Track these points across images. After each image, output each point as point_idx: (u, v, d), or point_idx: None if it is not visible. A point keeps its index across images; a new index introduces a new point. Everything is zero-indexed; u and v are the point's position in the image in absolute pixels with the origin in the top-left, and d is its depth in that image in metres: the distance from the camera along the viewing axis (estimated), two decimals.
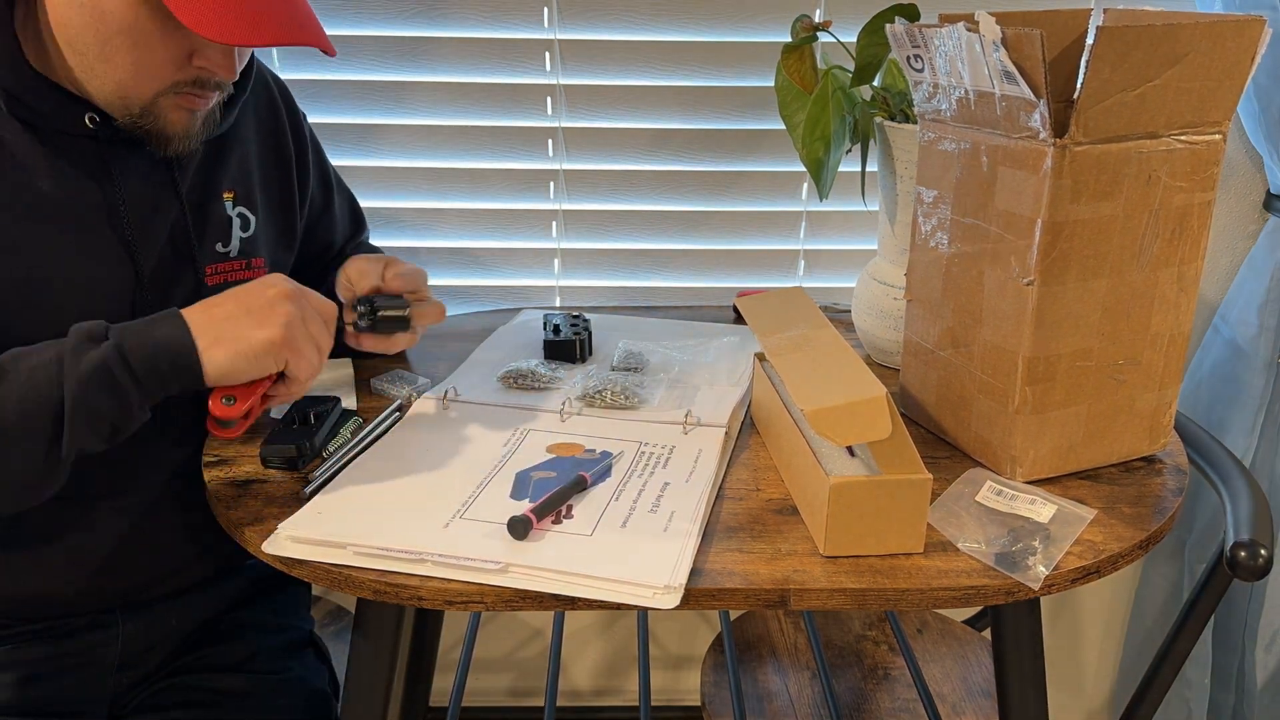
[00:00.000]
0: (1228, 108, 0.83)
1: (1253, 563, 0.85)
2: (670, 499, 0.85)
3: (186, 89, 0.86)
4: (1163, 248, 0.85)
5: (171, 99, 0.86)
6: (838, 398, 0.76)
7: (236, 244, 0.99)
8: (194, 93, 0.86)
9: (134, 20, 0.80)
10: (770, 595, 0.74)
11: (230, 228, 0.99)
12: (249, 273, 0.99)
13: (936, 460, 0.93)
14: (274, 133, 1.06)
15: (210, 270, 0.97)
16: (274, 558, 0.77)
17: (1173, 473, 0.92)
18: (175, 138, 0.88)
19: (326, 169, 1.17)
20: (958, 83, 0.86)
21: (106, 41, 0.80)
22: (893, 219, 1.10)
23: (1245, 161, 1.40)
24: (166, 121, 0.86)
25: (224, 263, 0.98)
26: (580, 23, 1.32)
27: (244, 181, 1.01)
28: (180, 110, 0.87)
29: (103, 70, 0.82)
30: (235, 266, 0.99)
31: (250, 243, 1.01)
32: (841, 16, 1.29)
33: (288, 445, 0.88)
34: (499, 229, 1.41)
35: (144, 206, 0.91)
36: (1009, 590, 0.75)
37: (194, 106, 0.88)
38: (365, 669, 0.87)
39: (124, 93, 0.83)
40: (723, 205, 1.41)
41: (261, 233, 1.02)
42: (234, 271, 0.98)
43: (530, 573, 0.75)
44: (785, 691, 1.24)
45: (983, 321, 0.89)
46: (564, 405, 1.01)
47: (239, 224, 0.99)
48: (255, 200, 1.02)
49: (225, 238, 0.98)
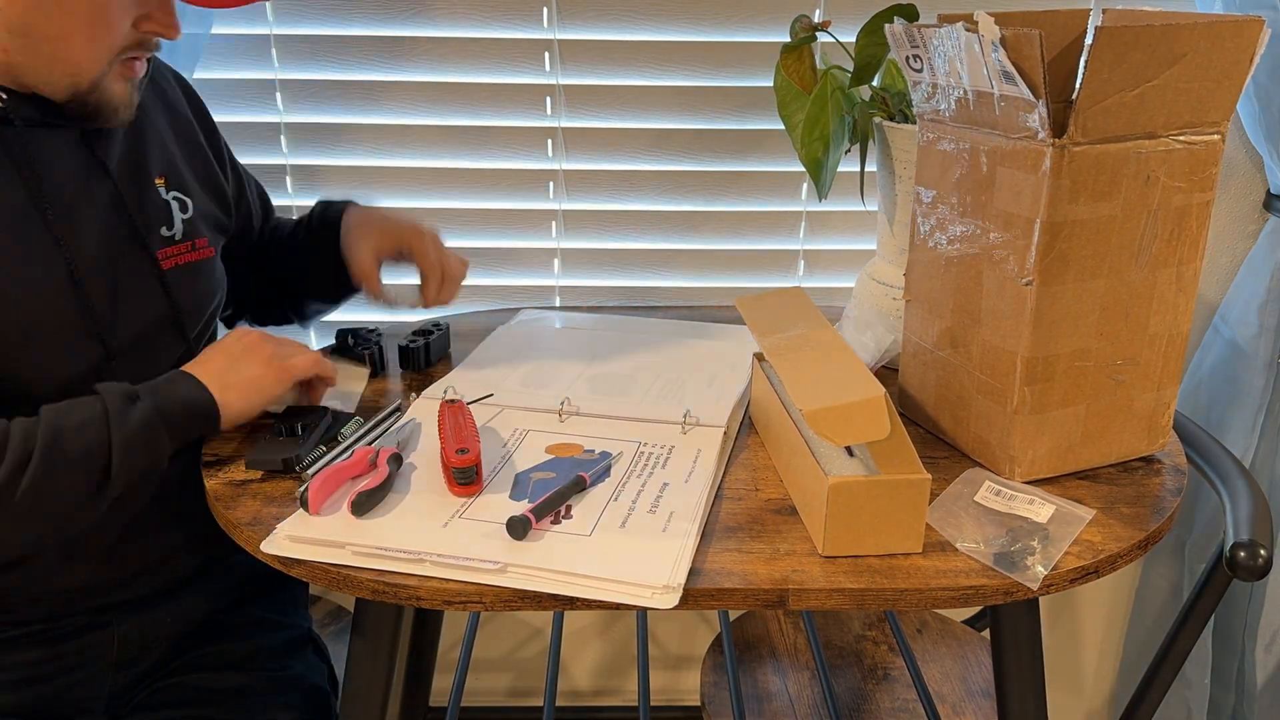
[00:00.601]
0: (1226, 108, 0.83)
1: (1252, 563, 0.85)
2: (669, 499, 0.85)
3: (130, 53, 0.86)
4: (1161, 248, 0.85)
5: (117, 67, 0.86)
6: (836, 398, 0.76)
7: (180, 227, 0.98)
8: (135, 56, 0.87)
9: None
10: (769, 595, 0.74)
11: (170, 211, 0.98)
12: (195, 254, 0.99)
13: (935, 460, 0.93)
14: (182, 118, 1.05)
15: (161, 255, 0.95)
16: (273, 557, 0.77)
17: (1171, 473, 0.92)
18: (121, 107, 0.88)
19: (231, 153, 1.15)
20: (956, 83, 0.86)
21: (63, 18, 0.80)
22: (891, 219, 1.10)
23: (1245, 161, 1.40)
24: (112, 92, 0.86)
25: (171, 246, 0.97)
26: (580, 23, 1.32)
27: (170, 166, 1.00)
28: (121, 80, 0.87)
29: (55, 49, 0.81)
30: (182, 249, 0.98)
31: (191, 224, 1.00)
32: (840, 16, 1.29)
33: (273, 458, 0.89)
34: (499, 229, 1.41)
35: (70, 194, 0.90)
36: (1008, 590, 0.75)
37: (133, 74, 0.88)
38: (364, 669, 0.87)
39: (78, 69, 0.83)
40: (722, 205, 1.41)
41: (198, 215, 1.01)
42: (182, 254, 0.98)
43: (529, 573, 0.75)
44: (785, 692, 1.24)
45: (981, 321, 0.89)
46: (563, 405, 1.01)
47: (177, 207, 0.99)
48: (186, 183, 1.01)
49: (168, 221, 0.97)
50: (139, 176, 0.96)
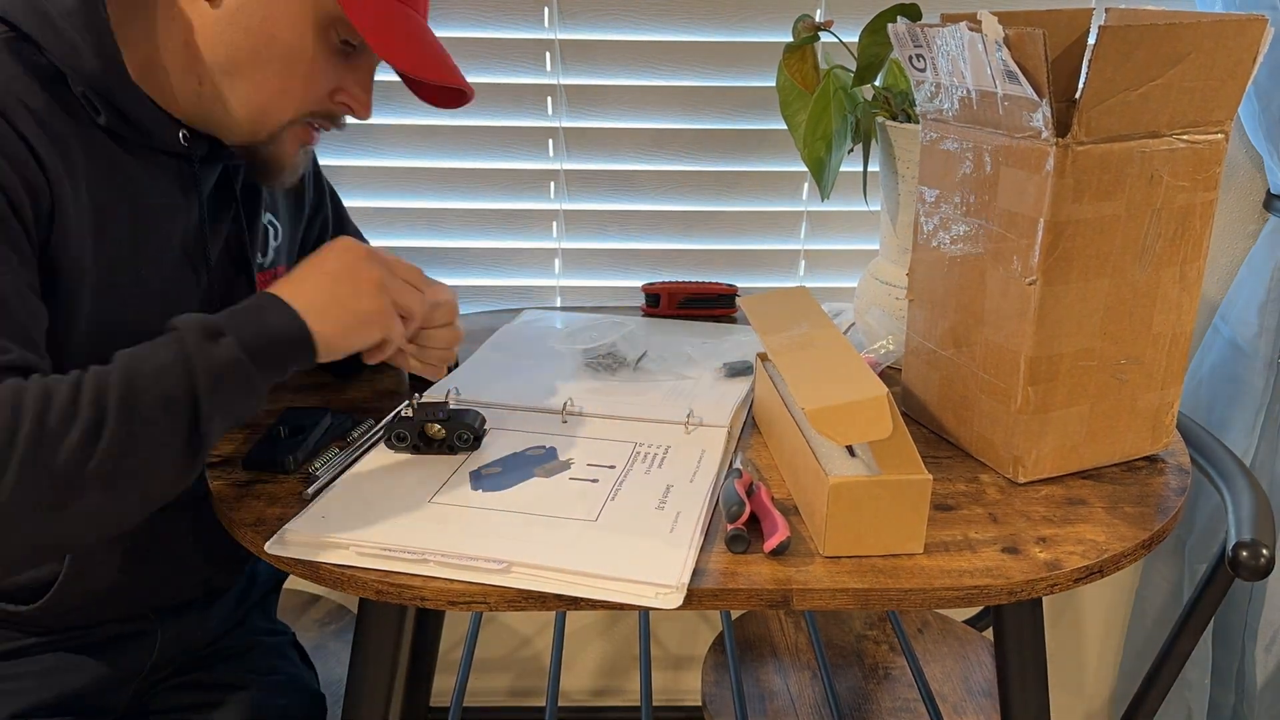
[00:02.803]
0: (1230, 107, 0.83)
1: (1254, 562, 0.85)
2: (675, 499, 0.84)
3: (316, 121, 0.87)
4: (1165, 247, 0.85)
5: (298, 130, 0.87)
6: (838, 397, 0.76)
7: (271, 254, 1.01)
8: (319, 124, 0.88)
9: (302, 47, 0.81)
10: (772, 595, 0.74)
11: (268, 237, 1.00)
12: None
13: (938, 460, 0.93)
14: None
15: (260, 279, 0.98)
16: (277, 558, 0.77)
17: (1175, 472, 0.92)
18: (288, 168, 0.89)
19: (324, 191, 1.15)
20: (960, 82, 0.86)
21: (265, 65, 0.81)
22: (894, 219, 1.10)
23: (1245, 161, 1.40)
24: (283, 151, 0.87)
25: (262, 273, 0.99)
26: (581, 23, 1.32)
27: (272, 192, 1.01)
28: (296, 142, 0.88)
29: (245, 92, 0.82)
30: (267, 277, 0.99)
31: (278, 252, 1.02)
32: (843, 16, 1.29)
33: (270, 461, 0.88)
34: (499, 229, 1.41)
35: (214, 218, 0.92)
36: (1011, 590, 0.75)
37: (310, 141, 0.89)
38: (367, 669, 0.87)
39: (260, 116, 0.84)
40: (724, 205, 1.41)
41: (285, 242, 1.04)
42: (266, 282, 0.98)
43: (534, 572, 0.75)
44: (786, 691, 1.24)
45: (985, 321, 0.89)
46: (565, 405, 1.01)
47: (272, 233, 1.01)
48: (279, 210, 1.03)
49: (265, 248, 1.00)
50: (253, 202, 0.97)
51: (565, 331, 1.24)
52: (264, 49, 0.80)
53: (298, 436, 0.91)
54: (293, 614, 1.34)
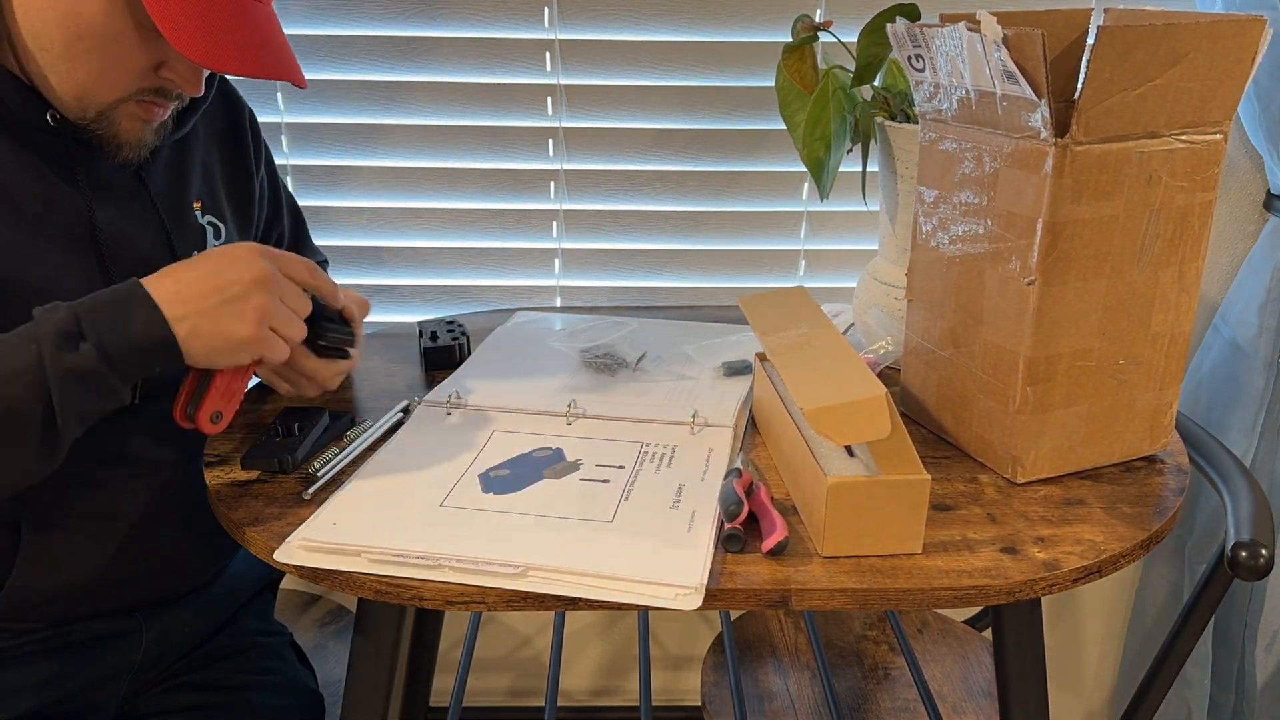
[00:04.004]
0: (1229, 107, 0.83)
1: (1254, 563, 0.85)
2: (689, 498, 0.84)
3: (148, 97, 0.84)
4: (1164, 247, 0.85)
5: (130, 106, 0.84)
6: (837, 397, 0.76)
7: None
8: (154, 101, 0.85)
9: (109, 24, 0.78)
10: (772, 595, 0.74)
11: (205, 237, 0.98)
12: None
13: (937, 460, 0.93)
14: (234, 141, 1.05)
15: None
16: (289, 566, 0.76)
17: (1174, 472, 0.92)
18: (126, 145, 0.86)
19: (277, 191, 1.15)
20: (959, 82, 0.86)
21: (75, 41, 0.79)
22: (893, 219, 1.10)
23: (1245, 161, 1.40)
24: (120, 128, 0.85)
25: None
26: (580, 23, 1.32)
27: (210, 190, 1.00)
28: (135, 119, 0.85)
29: (65, 69, 0.80)
30: None
31: None
32: (842, 16, 1.30)
33: (269, 460, 0.88)
34: (499, 229, 1.41)
35: (120, 217, 0.89)
36: (1010, 590, 0.75)
37: (150, 116, 0.86)
38: (366, 669, 0.87)
39: (83, 94, 0.82)
40: (723, 205, 1.41)
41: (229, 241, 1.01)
42: None
43: (551, 575, 0.74)
44: (785, 691, 1.24)
45: (983, 321, 0.89)
46: (569, 408, 1.01)
47: (211, 233, 0.99)
48: (222, 209, 1.01)
49: (202, 245, 0.97)
50: (179, 200, 0.96)
51: (564, 332, 1.24)
52: (70, 23, 0.78)
53: (296, 436, 0.91)
54: (291, 614, 1.34)
